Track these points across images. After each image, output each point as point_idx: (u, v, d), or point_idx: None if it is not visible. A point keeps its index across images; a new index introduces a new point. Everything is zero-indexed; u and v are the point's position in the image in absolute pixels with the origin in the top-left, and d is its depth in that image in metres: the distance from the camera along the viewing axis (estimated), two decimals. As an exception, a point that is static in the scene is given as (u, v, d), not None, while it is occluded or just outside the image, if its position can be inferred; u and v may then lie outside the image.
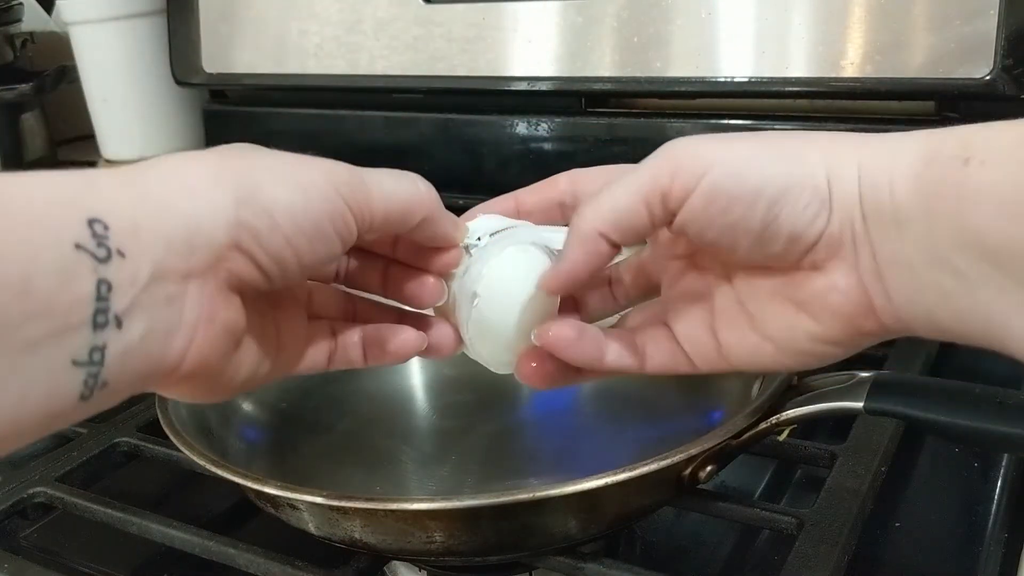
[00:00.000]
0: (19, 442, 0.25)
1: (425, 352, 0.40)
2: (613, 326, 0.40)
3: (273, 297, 0.35)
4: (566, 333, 0.36)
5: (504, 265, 0.37)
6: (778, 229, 0.31)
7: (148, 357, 0.27)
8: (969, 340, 0.30)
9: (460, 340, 0.40)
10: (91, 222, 0.25)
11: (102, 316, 0.25)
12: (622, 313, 0.41)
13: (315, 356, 0.38)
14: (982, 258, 0.28)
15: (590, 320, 0.40)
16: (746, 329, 0.35)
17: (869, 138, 0.32)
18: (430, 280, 0.38)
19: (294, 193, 0.30)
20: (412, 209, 0.35)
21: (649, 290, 0.40)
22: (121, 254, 0.26)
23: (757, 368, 0.36)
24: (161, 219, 0.27)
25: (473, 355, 0.40)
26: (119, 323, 0.26)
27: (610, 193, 0.33)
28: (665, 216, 0.33)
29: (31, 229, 0.24)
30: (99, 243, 0.25)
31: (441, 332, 0.40)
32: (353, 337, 0.39)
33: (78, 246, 0.25)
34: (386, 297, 0.40)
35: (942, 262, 0.29)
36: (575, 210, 0.35)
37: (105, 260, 0.25)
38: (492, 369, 0.40)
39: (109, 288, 0.25)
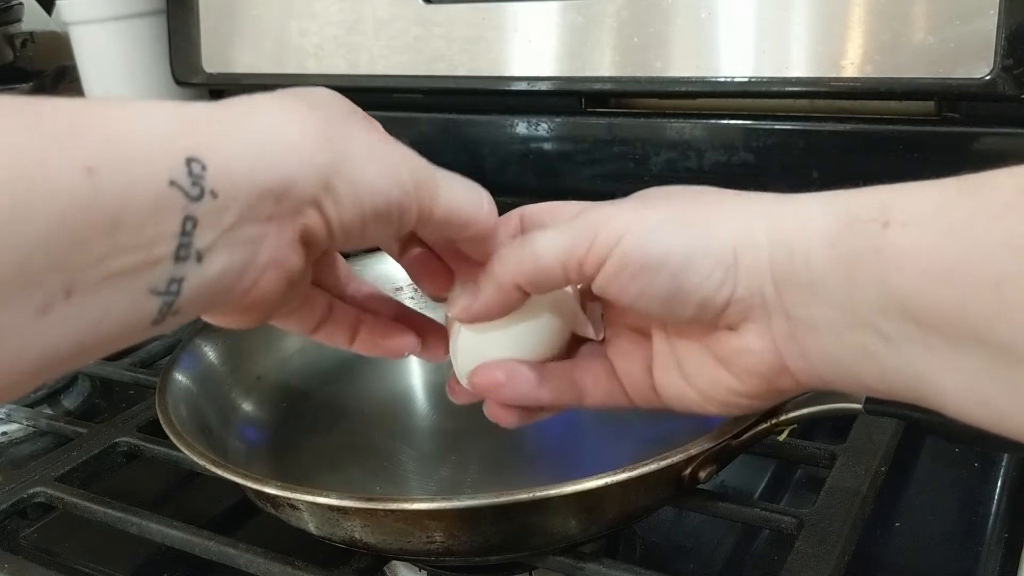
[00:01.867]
0: (89, 359, 0.26)
1: (418, 355, 0.41)
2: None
3: None
4: (494, 377, 0.38)
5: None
6: (685, 297, 0.32)
7: (219, 290, 0.28)
8: (895, 396, 0.30)
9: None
10: (189, 161, 0.25)
11: (184, 251, 0.26)
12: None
13: (304, 319, 0.38)
14: (906, 319, 0.28)
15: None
16: (675, 375, 0.37)
17: (780, 201, 0.32)
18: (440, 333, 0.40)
19: (380, 176, 0.31)
20: (469, 224, 0.35)
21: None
22: (214, 194, 0.26)
23: (685, 411, 0.37)
24: (257, 168, 0.28)
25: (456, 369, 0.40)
26: (199, 258, 0.26)
27: (532, 249, 0.35)
28: (581, 279, 0.34)
29: (131, 163, 0.24)
30: (194, 182, 0.25)
31: (437, 339, 0.41)
32: (347, 318, 0.39)
33: (173, 183, 0.25)
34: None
35: (865, 324, 0.29)
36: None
37: (197, 199, 0.26)
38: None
39: (195, 225, 0.26)
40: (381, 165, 0.32)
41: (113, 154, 0.24)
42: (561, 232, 0.34)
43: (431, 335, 0.41)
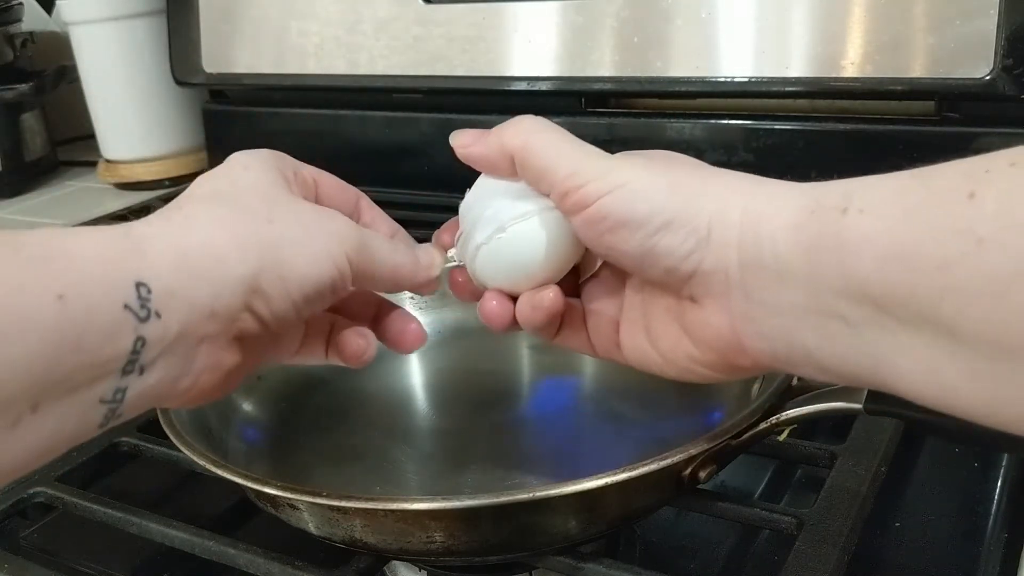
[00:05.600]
0: (45, 461, 0.29)
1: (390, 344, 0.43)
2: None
3: None
4: (503, 308, 0.39)
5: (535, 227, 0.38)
6: (654, 259, 0.34)
7: (158, 395, 0.31)
8: (850, 380, 0.31)
9: (423, 338, 0.43)
10: (138, 285, 0.29)
11: (131, 366, 0.29)
12: None
13: (281, 356, 0.41)
14: (865, 302, 0.29)
15: None
16: (641, 335, 0.38)
17: (758, 184, 0.34)
18: (413, 326, 0.42)
19: (310, 263, 0.34)
20: (403, 281, 0.39)
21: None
22: (158, 315, 0.29)
23: (645, 370, 0.39)
24: (192, 287, 0.31)
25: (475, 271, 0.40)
26: (142, 371, 0.30)
27: (543, 147, 0.36)
28: (558, 205, 0.36)
29: (92, 289, 0.28)
30: (142, 304, 0.29)
31: (415, 335, 0.43)
32: (321, 331, 0.41)
33: (126, 306, 0.28)
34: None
35: (827, 308, 0.30)
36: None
37: (145, 320, 0.29)
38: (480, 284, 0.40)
39: (144, 344, 0.29)
40: (311, 250, 0.34)
41: (78, 280, 0.27)
42: (571, 158, 0.35)
43: (407, 328, 0.43)
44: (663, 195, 0.34)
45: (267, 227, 0.33)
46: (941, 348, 0.27)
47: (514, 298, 0.40)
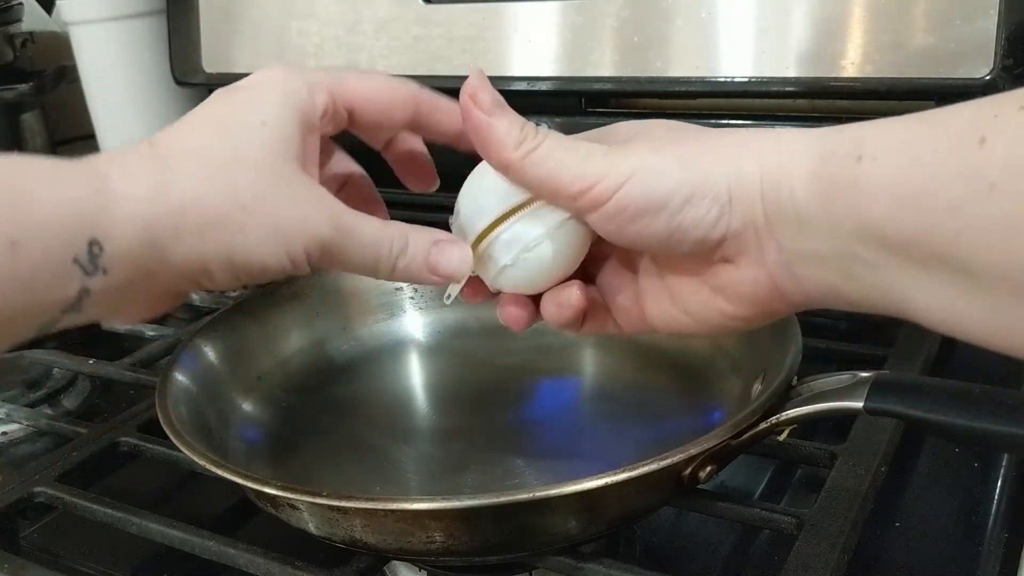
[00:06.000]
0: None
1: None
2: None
3: None
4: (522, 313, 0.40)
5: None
6: (683, 235, 0.34)
7: (93, 320, 0.33)
8: (874, 310, 0.33)
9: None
10: (91, 244, 0.30)
11: (71, 310, 0.31)
12: None
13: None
14: (881, 245, 0.30)
15: None
16: (667, 304, 0.39)
17: (770, 137, 0.34)
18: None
19: (263, 257, 0.35)
20: (384, 274, 0.39)
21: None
22: (105, 272, 0.31)
23: (676, 334, 0.40)
24: (145, 256, 0.32)
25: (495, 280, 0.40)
26: (80, 311, 0.31)
27: (556, 159, 0.35)
28: (572, 209, 0.36)
29: (46, 239, 0.29)
30: (91, 260, 0.30)
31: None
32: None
33: (75, 260, 0.30)
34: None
35: (845, 252, 0.31)
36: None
37: (92, 274, 0.31)
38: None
39: (87, 293, 0.31)
40: (271, 245, 0.34)
41: (33, 229, 0.29)
42: (577, 164, 0.35)
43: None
44: (677, 172, 0.34)
45: (238, 214, 0.34)
46: (956, 285, 0.29)
47: (531, 296, 0.40)
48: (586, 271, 0.41)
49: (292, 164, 0.36)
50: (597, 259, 0.41)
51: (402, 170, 0.45)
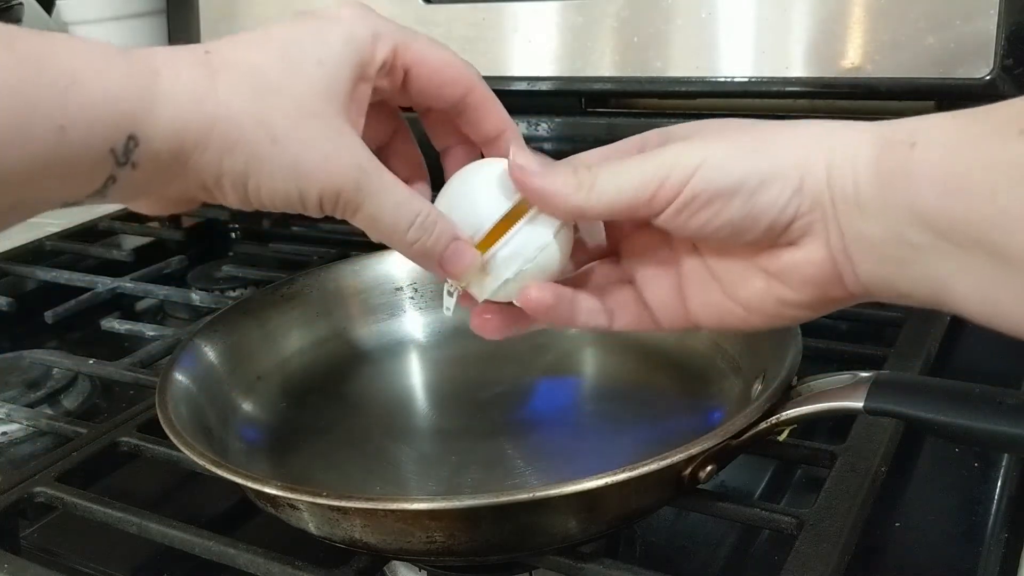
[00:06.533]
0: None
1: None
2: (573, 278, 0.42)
3: None
4: (545, 299, 0.39)
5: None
6: (755, 220, 0.35)
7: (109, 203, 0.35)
8: (922, 303, 0.34)
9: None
10: (129, 138, 0.31)
11: (97, 194, 0.33)
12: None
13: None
14: (927, 230, 0.31)
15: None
16: (716, 293, 0.38)
17: (836, 128, 0.35)
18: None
19: (279, 193, 0.35)
20: (401, 248, 0.39)
21: (604, 254, 0.43)
22: (134, 166, 0.32)
23: (722, 329, 0.40)
24: (170, 161, 0.33)
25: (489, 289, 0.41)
26: (104, 196, 0.33)
27: (616, 182, 0.36)
28: (646, 216, 0.36)
29: (90, 127, 0.30)
30: (125, 152, 0.31)
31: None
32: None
33: (112, 150, 0.31)
34: None
35: (898, 237, 0.32)
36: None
37: (123, 165, 0.32)
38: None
39: (114, 181, 0.32)
40: (290, 183, 0.35)
41: (81, 117, 0.30)
42: (640, 170, 0.36)
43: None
44: (747, 157, 0.35)
45: (264, 142, 0.34)
46: (994, 270, 0.30)
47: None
48: (622, 265, 0.42)
49: (334, 107, 0.36)
50: (634, 253, 0.41)
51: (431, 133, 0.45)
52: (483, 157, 0.43)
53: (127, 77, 0.31)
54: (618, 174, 0.36)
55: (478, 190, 0.39)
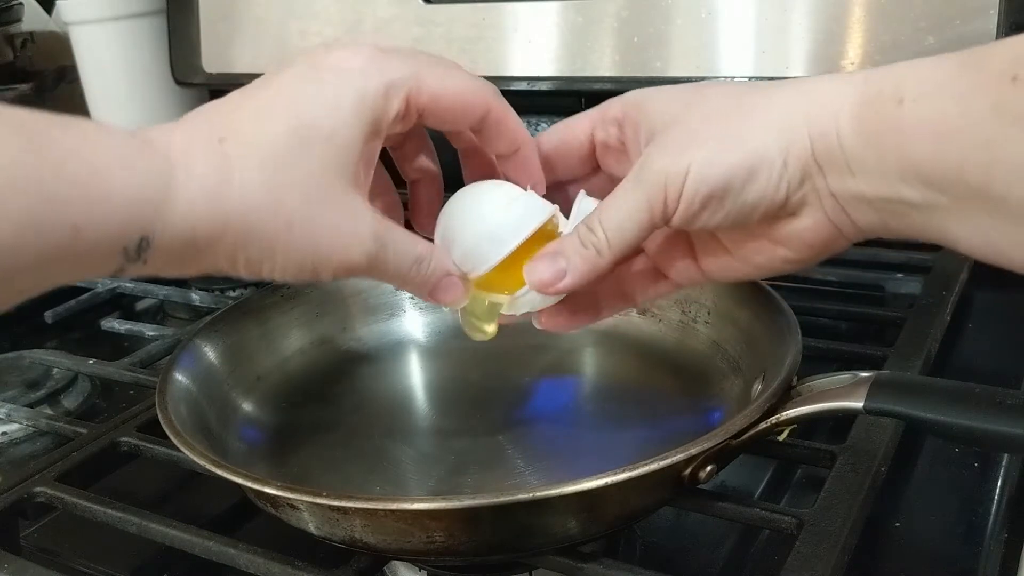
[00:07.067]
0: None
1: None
2: None
3: None
4: (559, 322, 0.44)
5: None
6: (751, 209, 0.36)
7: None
8: (919, 239, 0.35)
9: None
10: (142, 239, 0.32)
11: (108, 276, 0.34)
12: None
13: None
14: (921, 182, 0.32)
15: None
16: (725, 259, 0.41)
17: (809, 87, 0.36)
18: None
19: (290, 272, 0.36)
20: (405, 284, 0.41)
21: None
22: (145, 262, 0.33)
23: (732, 281, 0.45)
24: (184, 255, 0.34)
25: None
26: (115, 278, 0.33)
27: (618, 217, 0.38)
28: (662, 220, 0.38)
29: (104, 227, 0.31)
30: (138, 252, 0.32)
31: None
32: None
33: (124, 249, 0.32)
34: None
35: (892, 191, 0.33)
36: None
37: (133, 262, 0.32)
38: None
39: (122, 271, 0.33)
40: (305, 263, 0.36)
41: (96, 218, 0.30)
42: (635, 200, 0.38)
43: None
44: (730, 153, 0.36)
45: (281, 232, 0.35)
46: (992, 218, 0.31)
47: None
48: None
49: (346, 180, 0.36)
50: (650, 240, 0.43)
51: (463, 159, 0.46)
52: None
53: (143, 175, 0.32)
54: (617, 216, 0.38)
55: (492, 219, 0.41)
